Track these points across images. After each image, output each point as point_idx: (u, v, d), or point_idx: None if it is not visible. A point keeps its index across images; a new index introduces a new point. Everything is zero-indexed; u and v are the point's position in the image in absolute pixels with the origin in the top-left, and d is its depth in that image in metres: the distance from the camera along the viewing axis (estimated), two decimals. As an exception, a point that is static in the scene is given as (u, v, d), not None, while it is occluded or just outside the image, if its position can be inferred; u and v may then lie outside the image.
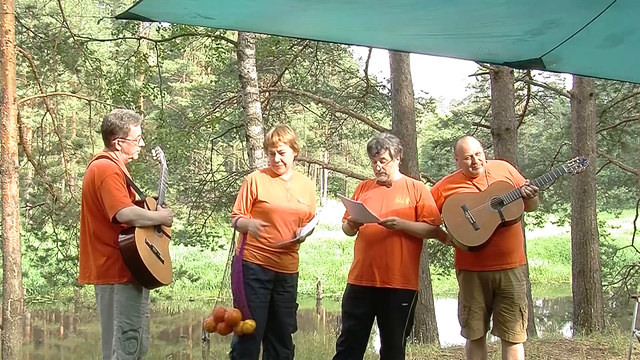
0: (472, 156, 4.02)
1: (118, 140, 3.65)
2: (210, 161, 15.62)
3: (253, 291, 3.85)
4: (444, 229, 4.25)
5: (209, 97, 18.80)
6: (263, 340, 3.97)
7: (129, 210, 3.47)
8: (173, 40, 12.69)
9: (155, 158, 3.95)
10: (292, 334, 4.07)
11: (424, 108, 19.56)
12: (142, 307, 3.61)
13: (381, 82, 16.87)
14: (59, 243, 12.44)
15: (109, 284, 3.53)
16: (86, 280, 3.65)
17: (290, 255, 4.00)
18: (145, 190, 15.54)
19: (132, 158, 3.77)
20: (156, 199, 3.77)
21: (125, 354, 3.51)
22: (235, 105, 14.49)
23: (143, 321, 3.67)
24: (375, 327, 4.13)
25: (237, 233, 4.03)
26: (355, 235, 4.14)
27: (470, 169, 4.05)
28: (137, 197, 3.68)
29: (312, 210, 4.13)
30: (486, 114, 16.00)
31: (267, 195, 3.94)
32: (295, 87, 15.42)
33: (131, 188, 3.63)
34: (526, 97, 15.53)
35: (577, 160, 4.06)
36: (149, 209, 3.65)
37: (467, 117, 22.82)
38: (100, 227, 3.54)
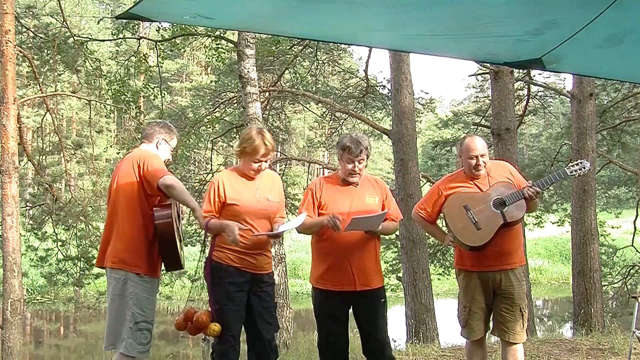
0: (477, 157, 3.99)
1: (163, 140, 3.92)
2: (210, 161, 15.60)
3: (228, 295, 3.76)
4: (444, 228, 4.25)
5: (209, 97, 18.79)
6: (248, 345, 3.93)
7: (173, 178, 3.65)
8: (173, 40, 12.69)
9: None
10: (275, 333, 4.00)
11: (424, 108, 19.54)
12: (156, 300, 3.75)
13: (381, 82, 16.87)
14: (59, 243, 12.44)
15: (123, 271, 3.63)
16: (100, 263, 3.78)
17: (265, 255, 3.90)
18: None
19: None
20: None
21: (137, 344, 3.61)
22: (235, 105, 14.48)
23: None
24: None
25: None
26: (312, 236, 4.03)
27: (473, 169, 4.03)
28: None
29: (281, 205, 4.01)
30: (486, 114, 15.99)
31: (237, 197, 3.79)
32: (295, 87, 15.40)
33: None
34: (526, 97, 15.53)
35: (579, 164, 4.04)
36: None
37: (467, 117, 22.79)
38: (129, 218, 3.67)
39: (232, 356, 3.82)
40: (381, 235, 4.08)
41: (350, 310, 4.01)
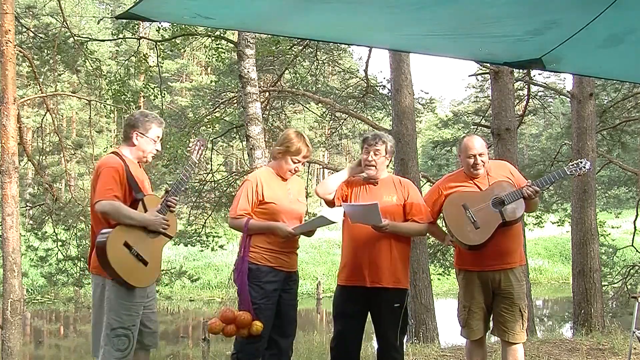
0: (475, 156, 4.01)
1: (137, 134, 3.70)
2: (210, 161, 15.60)
3: (265, 294, 3.81)
4: (444, 227, 4.25)
5: (209, 97, 18.79)
6: (269, 342, 3.92)
7: (107, 203, 3.46)
8: (173, 40, 12.70)
9: (189, 147, 4.04)
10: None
11: (424, 108, 19.57)
12: (136, 306, 3.59)
13: (381, 82, 16.89)
14: (59, 243, 12.43)
15: (100, 277, 3.59)
16: (91, 269, 3.74)
17: (295, 253, 4.00)
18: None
19: (146, 159, 3.78)
20: (167, 192, 3.75)
21: (114, 351, 3.52)
22: (235, 105, 14.49)
23: (151, 317, 3.73)
24: (371, 327, 4.11)
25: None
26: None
27: (472, 168, 4.04)
28: (136, 196, 3.62)
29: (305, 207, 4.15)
30: (486, 114, 15.99)
31: (274, 197, 3.87)
32: (295, 87, 15.41)
33: (131, 185, 3.58)
34: (526, 97, 15.54)
35: (579, 164, 4.04)
36: (145, 209, 3.60)
37: (467, 117, 22.82)
38: (99, 223, 3.61)
39: (260, 354, 3.85)
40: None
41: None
